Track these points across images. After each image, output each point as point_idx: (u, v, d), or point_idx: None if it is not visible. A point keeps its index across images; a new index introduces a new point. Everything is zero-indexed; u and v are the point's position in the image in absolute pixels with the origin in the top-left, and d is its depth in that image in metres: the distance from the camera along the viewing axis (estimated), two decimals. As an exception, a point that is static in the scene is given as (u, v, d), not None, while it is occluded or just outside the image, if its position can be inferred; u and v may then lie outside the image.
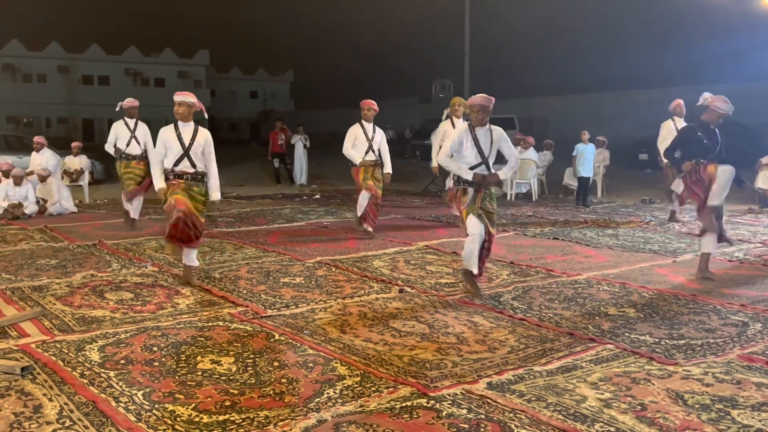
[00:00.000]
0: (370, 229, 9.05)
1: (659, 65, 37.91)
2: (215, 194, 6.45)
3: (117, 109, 9.95)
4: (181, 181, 6.24)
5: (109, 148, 9.99)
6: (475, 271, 5.90)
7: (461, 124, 5.88)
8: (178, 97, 6.25)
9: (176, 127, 6.25)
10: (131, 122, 9.87)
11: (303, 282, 6.48)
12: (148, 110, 10.16)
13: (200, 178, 6.33)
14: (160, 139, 6.27)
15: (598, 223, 10.42)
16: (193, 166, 6.26)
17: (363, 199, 9.01)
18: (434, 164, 9.71)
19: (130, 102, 9.94)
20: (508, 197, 14.03)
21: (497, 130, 5.91)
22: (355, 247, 8.26)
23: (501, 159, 6.15)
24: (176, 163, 6.23)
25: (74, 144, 14.51)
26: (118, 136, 9.82)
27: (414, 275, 6.76)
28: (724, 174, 6.54)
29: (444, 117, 9.66)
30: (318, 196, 14.90)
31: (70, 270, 7.01)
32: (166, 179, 6.29)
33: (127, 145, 9.74)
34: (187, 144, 6.22)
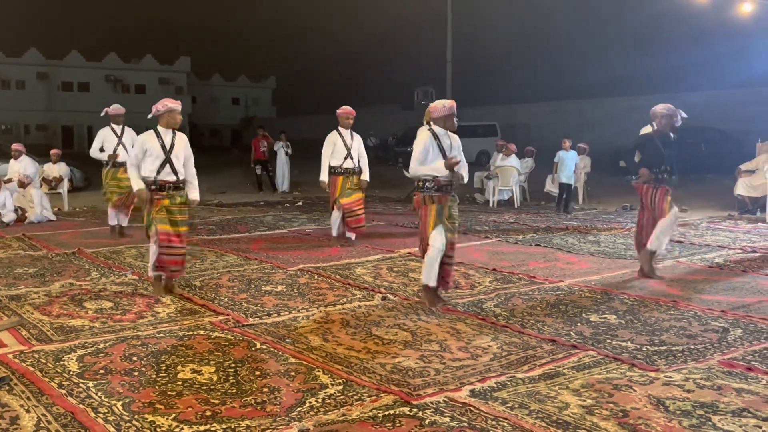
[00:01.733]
0: (352, 236, 9.08)
1: (640, 72, 38.27)
2: (194, 194, 6.46)
3: (102, 114, 9.80)
4: (163, 193, 6.17)
5: (95, 153, 9.84)
6: (433, 284, 5.90)
7: (423, 131, 5.88)
8: (177, 105, 6.25)
9: (157, 133, 6.23)
10: (117, 129, 9.74)
11: (285, 290, 6.45)
12: (129, 117, 9.96)
13: (182, 186, 6.31)
14: (141, 143, 6.23)
15: (580, 229, 10.48)
16: (175, 173, 6.22)
17: (335, 218, 9.04)
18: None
19: (115, 109, 9.79)
20: (491, 204, 14.09)
21: (455, 136, 5.95)
22: (337, 255, 8.25)
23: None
24: (158, 171, 6.18)
25: (53, 151, 14.37)
26: (106, 141, 9.70)
27: (397, 282, 6.76)
28: (671, 217, 6.91)
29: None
30: (300, 204, 14.87)
31: (49, 279, 6.93)
32: (149, 190, 6.20)
33: (114, 151, 9.62)
34: (168, 148, 6.19)
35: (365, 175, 9.05)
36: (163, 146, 6.19)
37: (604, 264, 7.71)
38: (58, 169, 14.03)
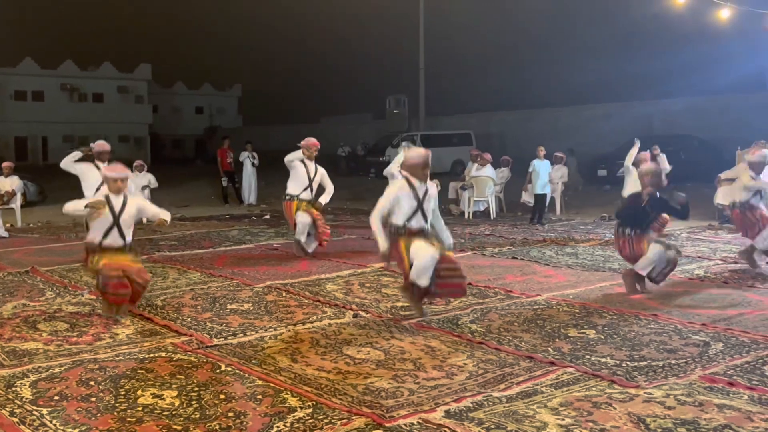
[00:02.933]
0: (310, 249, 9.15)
1: (617, 79, 38.84)
2: (165, 214, 6.37)
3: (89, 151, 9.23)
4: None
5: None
6: (425, 285, 5.88)
7: (399, 179, 6.12)
8: (118, 173, 6.13)
9: (108, 199, 6.10)
10: (103, 167, 9.13)
11: (252, 308, 6.41)
12: (86, 127, 9.73)
13: (128, 251, 6.21)
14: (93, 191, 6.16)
15: (557, 241, 10.57)
16: (123, 237, 6.15)
17: (303, 227, 9.08)
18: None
19: (100, 145, 8.91)
20: (466, 216, 14.15)
21: (431, 184, 6.16)
22: (307, 270, 8.22)
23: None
24: (105, 235, 6.09)
25: (5, 164, 14.13)
26: (84, 179, 8.75)
27: (369, 299, 6.75)
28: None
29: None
30: (268, 217, 14.82)
31: (0, 299, 6.81)
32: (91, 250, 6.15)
33: (97, 190, 8.43)
34: (117, 212, 6.09)
35: (325, 198, 9.34)
36: (112, 211, 6.08)
37: (582, 277, 7.77)
38: (10, 183, 13.79)
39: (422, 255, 5.81)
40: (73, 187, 9.62)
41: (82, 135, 52.25)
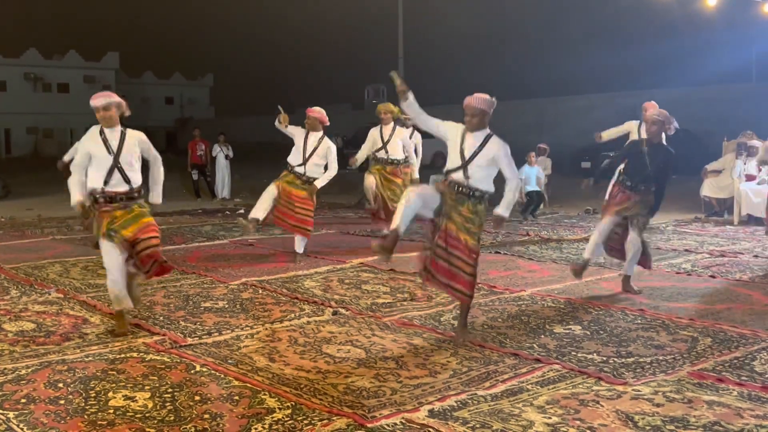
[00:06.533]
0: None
1: (600, 70, 39.13)
2: (156, 197, 6.01)
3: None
4: (116, 205, 5.53)
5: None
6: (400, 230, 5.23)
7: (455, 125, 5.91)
8: (104, 99, 5.70)
9: (101, 132, 5.62)
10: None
11: (227, 306, 6.38)
12: (51, 118, 9.50)
13: (137, 196, 5.70)
14: (82, 146, 5.62)
15: (542, 235, 10.63)
16: (127, 181, 5.59)
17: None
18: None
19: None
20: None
21: (495, 143, 5.74)
22: (284, 267, 8.20)
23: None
24: (106, 180, 5.53)
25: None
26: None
27: (349, 295, 6.75)
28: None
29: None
30: (242, 211, 14.73)
31: (-38, 299, 6.73)
32: (96, 203, 5.56)
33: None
34: (115, 150, 5.59)
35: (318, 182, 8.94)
36: (108, 148, 5.57)
37: (567, 271, 7.80)
38: (-29, 177, 13.64)
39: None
40: (38, 182, 9.54)
41: (47, 127, 51.80)
